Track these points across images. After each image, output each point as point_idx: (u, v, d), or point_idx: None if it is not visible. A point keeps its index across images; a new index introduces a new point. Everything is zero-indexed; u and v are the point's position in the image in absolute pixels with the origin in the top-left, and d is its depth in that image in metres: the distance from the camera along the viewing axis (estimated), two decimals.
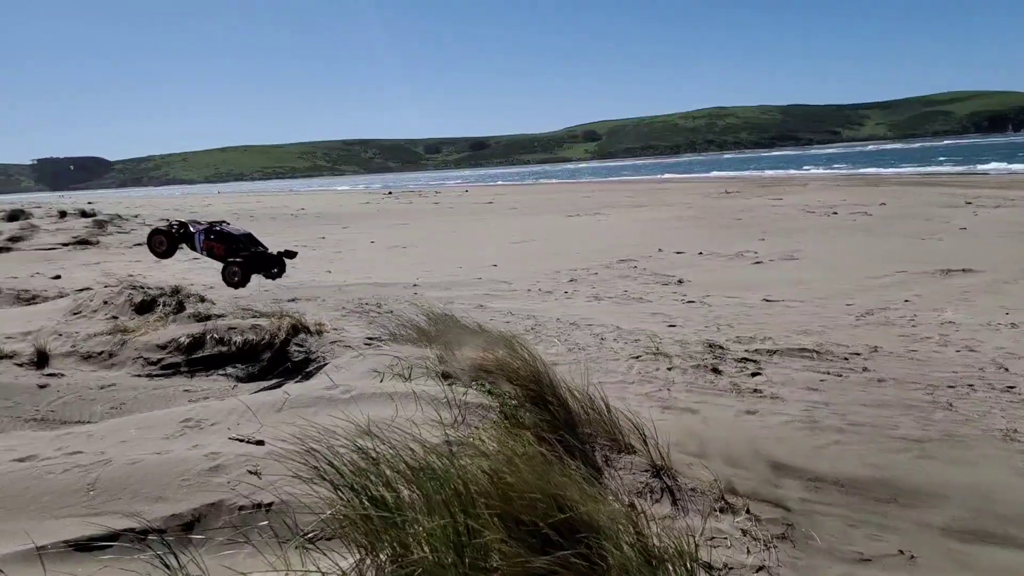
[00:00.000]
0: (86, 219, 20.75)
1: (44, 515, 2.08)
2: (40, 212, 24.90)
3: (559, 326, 6.03)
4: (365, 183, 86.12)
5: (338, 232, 17.05)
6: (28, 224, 19.30)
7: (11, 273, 11.04)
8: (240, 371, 5.26)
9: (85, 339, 5.62)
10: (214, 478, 2.30)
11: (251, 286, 9.00)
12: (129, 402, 4.62)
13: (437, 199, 30.88)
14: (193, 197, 48.99)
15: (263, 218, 22.32)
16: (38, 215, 23.17)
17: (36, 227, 18.55)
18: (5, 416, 4.25)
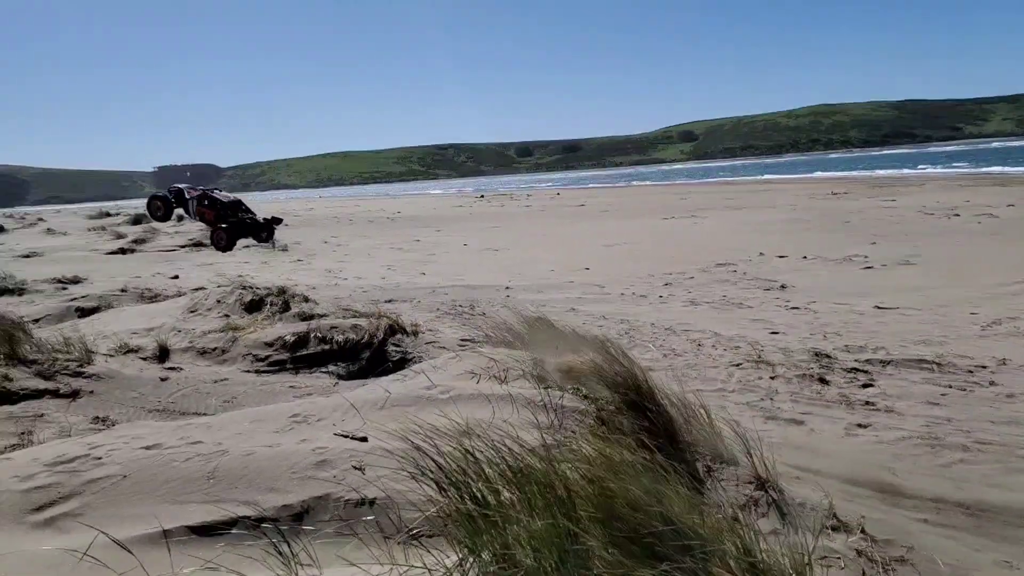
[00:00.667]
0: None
1: (169, 500, 2.22)
2: None
3: (654, 331, 5.91)
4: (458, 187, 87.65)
5: (432, 235, 17.44)
6: (150, 227, 20.81)
7: (135, 273, 11.93)
8: (341, 369, 5.46)
9: (201, 336, 5.97)
10: (321, 472, 2.39)
11: (349, 286, 9.39)
12: (240, 396, 4.87)
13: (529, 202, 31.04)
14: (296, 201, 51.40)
15: (361, 221, 23.11)
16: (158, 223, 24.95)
17: (157, 230, 19.96)
18: (132, 406, 4.55)
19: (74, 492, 2.26)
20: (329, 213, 28.60)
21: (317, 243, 16.39)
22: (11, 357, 4.75)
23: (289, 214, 28.65)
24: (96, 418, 4.25)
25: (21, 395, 4.46)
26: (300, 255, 14.22)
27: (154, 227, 20.70)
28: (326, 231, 19.75)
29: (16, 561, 1.89)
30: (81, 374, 4.81)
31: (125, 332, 6.22)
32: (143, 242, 17.30)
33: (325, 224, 22.49)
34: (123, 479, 2.31)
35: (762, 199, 24.37)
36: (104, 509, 2.18)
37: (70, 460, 2.44)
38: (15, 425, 4.00)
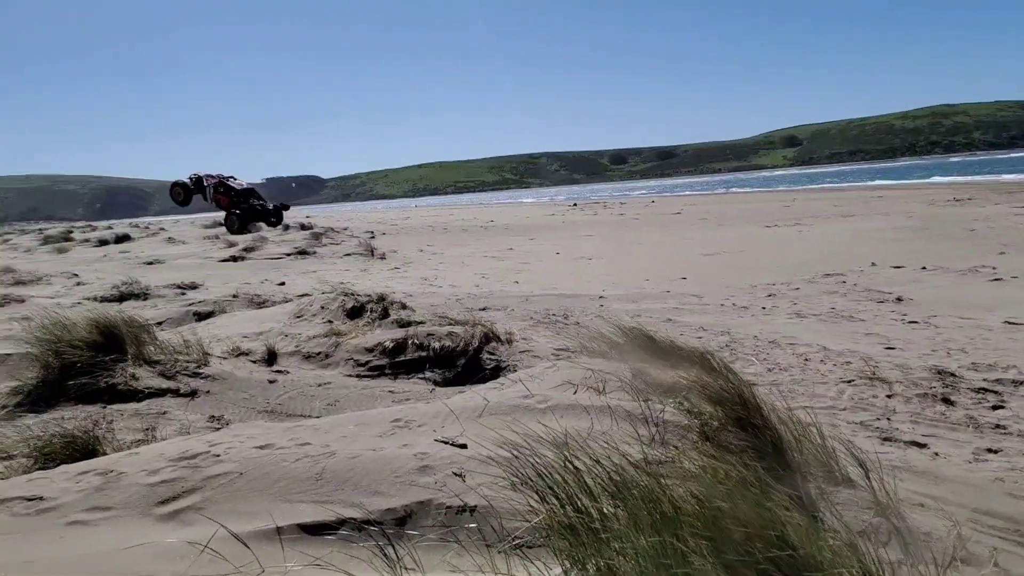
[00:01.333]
0: (304, 232, 23.22)
1: (280, 499, 2.31)
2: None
3: (756, 344, 5.68)
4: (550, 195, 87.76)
5: (525, 243, 17.53)
6: (259, 236, 21.97)
7: (245, 280, 12.61)
8: (437, 375, 5.55)
9: (306, 340, 6.21)
10: (422, 477, 2.42)
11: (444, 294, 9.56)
12: (342, 399, 5.02)
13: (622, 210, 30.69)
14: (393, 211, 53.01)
15: (455, 230, 23.53)
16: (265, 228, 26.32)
17: (265, 239, 21.04)
18: (243, 406, 4.79)
19: (195, 487, 2.39)
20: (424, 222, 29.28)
21: (413, 251, 16.84)
22: (138, 357, 5.10)
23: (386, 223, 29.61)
24: (212, 417, 4.49)
25: (146, 393, 4.77)
26: (397, 263, 14.64)
27: (263, 236, 21.84)
28: (422, 240, 20.24)
29: (144, 551, 2.01)
30: (199, 375, 5.10)
31: (237, 336, 6.55)
32: (252, 250, 18.22)
33: (421, 233, 23.05)
34: (239, 476, 2.43)
35: (874, 206, 23.05)
36: (222, 504, 2.29)
37: (192, 456, 2.59)
38: (141, 421, 4.29)
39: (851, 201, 26.78)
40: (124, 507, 2.29)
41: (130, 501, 2.33)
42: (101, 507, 2.30)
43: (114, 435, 3.72)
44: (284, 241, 20.15)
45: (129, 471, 2.51)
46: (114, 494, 2.36)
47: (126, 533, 2.13)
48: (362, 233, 22.46)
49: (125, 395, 4.71)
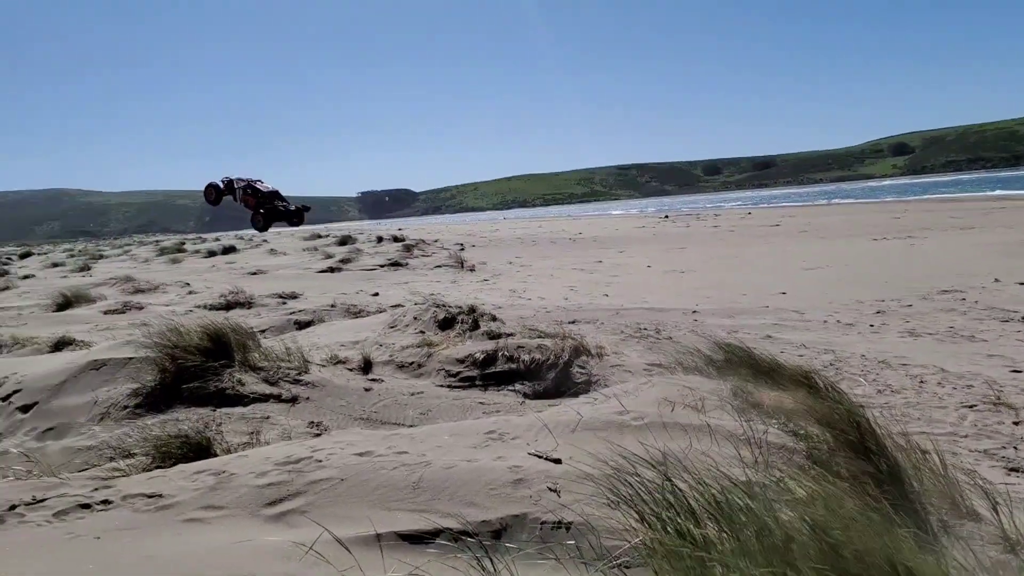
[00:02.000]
0: (397, 244, 23.87)
1: (379, 506, 2.36)
2: (362, 238, 29.21)
3: (864, 363, 5.37)
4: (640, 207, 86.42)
5: (614, 256, 17.36)
6: (354, 248, 22.77)
7: (341, 290, 13.06)
8: (527, 388, 5.54)
9: (399, 350, 6.35)
10: (517, 491, 2.41)
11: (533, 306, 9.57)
12: (434, 409, 5.09)
13: (716, 222, 29.85)
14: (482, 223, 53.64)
15: (543, 241, 23.57)
16: (361, 240, 27.21)
17: (360, 251, 21.76)
18: (341, 413, 4.93)
19: (300, 491, 2.47)
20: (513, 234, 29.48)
21: (502, 263, 16.99)
22: (244, 364, 5.35)
23: (475, 235, 29.99)
24: (312, 423, 4.65)
25: (251, 398, 4.99)
26: (486, 275, 14.80)
27: (358, 248, 22.62)
28: (510, 252, 20.40)
29: (254, 550, 2.09)
30: (299, 381, 5.29)
31: (335, 344, 6.76)
32: (348, 261, 18.87)
33: (509, 245, 23.23)
34: (340, 482, 2.50)
35: (995, 217, 21.44)
36: (324, 508, 2.36)
37: (296, 461, 2.69)
38: (246, 425, 4.49)
39: (969, 212, 24.98)
40: (235, 507, 2.40)
41: (240, 501, 2.43)
42: (214, 506, 2.41)
43: (223, 437, 3.91)
44: (378, 253, 20.76)
45: (239, 472, 2.62)
46: (226, 494, 2.48)
47: (237, 532, 2.23)
48: (452, 245, 22.86)
49: (232, 399, 4.94)
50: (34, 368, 5.69)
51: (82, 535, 2.20)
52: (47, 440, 4.55)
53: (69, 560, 2.03)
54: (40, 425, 4.75)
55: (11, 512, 2.39)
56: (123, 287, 14.91)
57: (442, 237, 28.82)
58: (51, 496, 2.51)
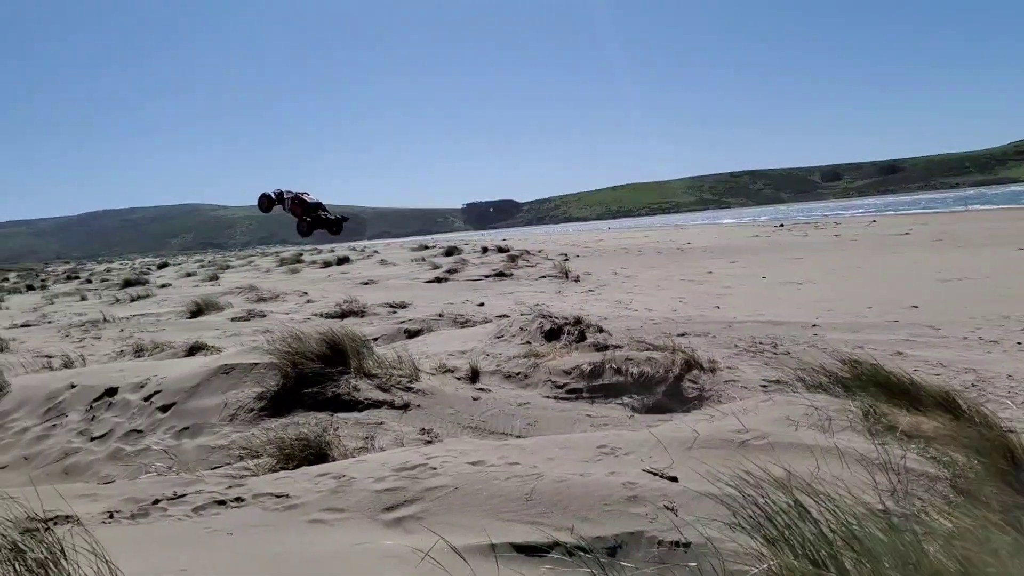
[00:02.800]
0: (501, 254, 24.16)
1: (492, 516, 2.37)
2: (468, 248, 29.79)
3: (1011, 385, 4.90)
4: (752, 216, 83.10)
5: (725, 266, 16.78)
6: (460, 259, 23.26)
7: (448, 300, 13.33)
8: (636, 401, 5.42)
9: (506, 360, 6.38)
10: (631, 508, 2.35)
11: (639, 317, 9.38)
12: (541, 420, 5.07)
13: (837, 231, 28.15)
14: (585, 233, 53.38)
15: (650, 252, 23.13)
16: (466, 251, 27.75)
17: (466, 261, 22.19)
18: (450, 422, 5.00)
19: (415, 497, 2.52)
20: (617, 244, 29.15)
21: (607, 274, 16.80)
22: (359, 371, 5.54)
23: (579, 245, 29.87)
24: (423, 429, 4.74)
25: (365, 404, 5.15)
26: (591, 286, 14.68)
27: (464, 258, 23.09)
28: (615, 262, 20.16)
29: (374, 553, 2.15)
30: (410, 389, 5.42)
31: (443, 353, 6.88)
32: (454, 272, 19.26)
33: (614, 255, 22.98)
34: (454, 491, 2.53)
35: None
36: (439, 516, 2.39)
37: (412, 468, 2.75)
38: (361, 430, 4.63)
39: None
40: (355, 510, 2.48)
41: (360, 505, 2.51)
42: (336, 508, 2.50)
43: (340, 441, 4.05)
44: (483, 264, 21.10)
45: (358, 477, 2.71)
46: (346, 497, 2.56)
47: (357, 534, 2.30)
48: (556, 256, 22.87)
49: (348, 405, 5.13)
50: (172, 371, 6.14)
51: (218, 530, 2.34)
52: (183, 438, 4.89)
53: (207, 554, 2.16)
54: (177, 424, 5.11)
55: (155, 506, 2.58)
56: (247, 296, 15.93)
57: (546, 248, 28.90)
58: (190, 492, 2.69)
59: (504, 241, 39.78)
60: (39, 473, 4.84)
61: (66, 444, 5.13)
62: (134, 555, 1.92)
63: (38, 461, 5.03)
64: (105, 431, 5.22)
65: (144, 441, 4.93)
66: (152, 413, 5.36)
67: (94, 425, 5.38)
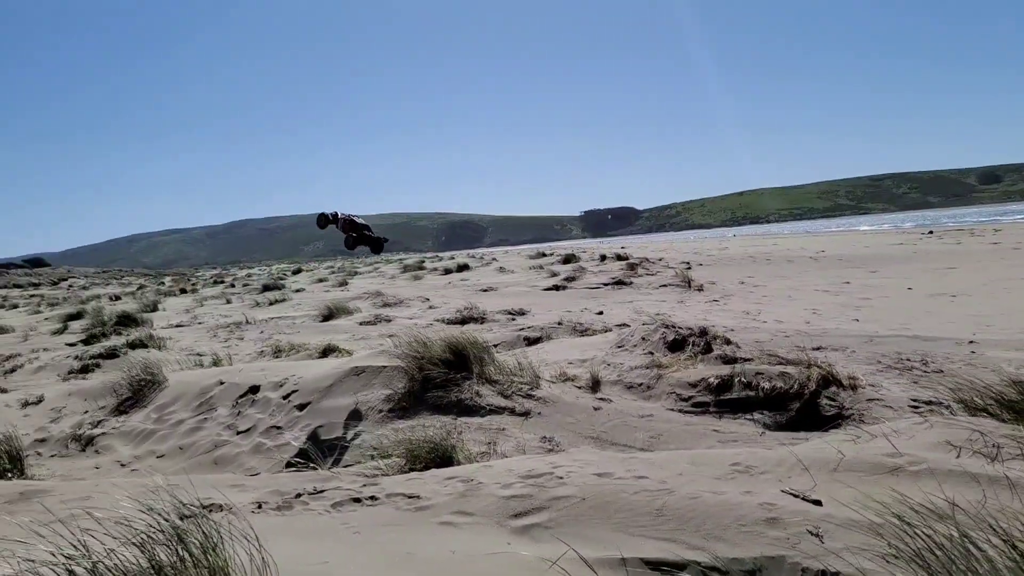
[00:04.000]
0: (620, 262, 23.83)
1: (621, 529, 2.30)
2: (585, 256, 29.62)
3: None
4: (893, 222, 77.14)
5: (864, 276, 15.68)
6: (578, 266, 23.15)
7: (566, 308, 13.28)
8: (767, 418, 5.15)
9: (628, 371, 6.25)
10: (771, 530, 2.22)
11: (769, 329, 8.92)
12: (664, 434, 4.92)
13: (996, 237, 25.54)
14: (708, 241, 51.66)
15: (779, 261, 22.04)
16: (584, 258, 27.59)
17: (584, 269, 22.05)
18: (570, 431, 4.96)
19: (542, 506, 2.50)
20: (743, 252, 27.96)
21: (732, 283, 16.17)
22: (481, 376, 5.62)
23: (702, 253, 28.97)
24: (544, 438, 4.73)
25: (487, 409, 5.21)
26: (715, 295, 14.18)
27: (582, 266, 22.97)
28: (741, 271, 19.36)
29: (501, 558, 2.15)
30: (531, 396, 5.43)
31: (563, 361, 6.85)
32: (572, 280, 19.17)
33: (740, 264, 22.07)
34: (581, 501, 2.48)
35: None
36: (567, 526, 2.36)
37: (538, 476, 2.73)
38: (483, 435, 4.69)
39: None
40: (482, 515, 2.49)
41: (487, 510, 2.52)
42: (464, 512, 2.53)
43: (463, 445, 4.12)
44: (601, 271, 20.89)
45: (486, 482, 2.73)
46: (474, 501, 2.58)
47: (485, 539, 2.31)
48: (677, 264, 22.28)
49: (471, 409, 5.21)
50: (307, 371, 6.49)
51: (354, 526, 2.43)
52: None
53: (345, 548, 2.25)
54: (312, 422, 5.39)
55: (297, 500, 2.72)
56: (374, 301, 16.63)
57: (666, 255, 28.26)
58: (328, 488, 2.81)
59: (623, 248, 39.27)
60: (192, 462, 5.26)
61: (216, 436, 5.54)
62: (280, 544, 2.03)
63: (191, 451, 5.46)
64: (249, 426, 5.59)
65: (283, 437, 5.24)
66: (290, 411, 5.68)
67: (239, 420, 5.78)
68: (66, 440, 6.09)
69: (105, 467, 5.38)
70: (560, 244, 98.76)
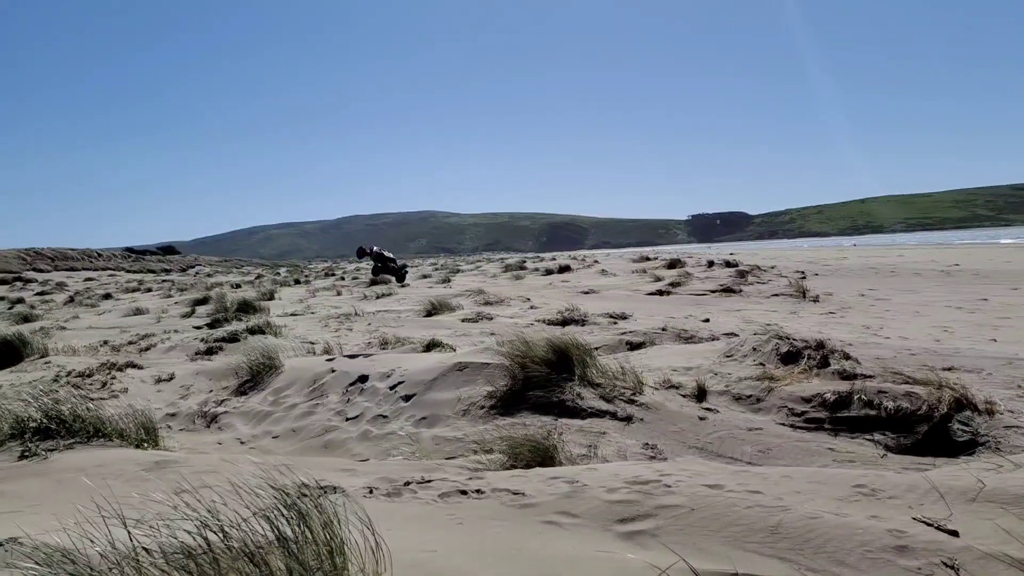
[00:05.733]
0: (729, 269, 23.04)
1: (733, 544, 2.21)
2: (691, 261, 28.86)
3: None
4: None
5: (1004, 293, 14.40)
6: (683, 272, 22.58)
7: (669, 314, 12.96)
8: (889, 440, 4.84)
9: (736, 381, 6.03)
10: (900, 559, 2.06)
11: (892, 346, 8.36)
12: (774, 449, 4.72)
13: None
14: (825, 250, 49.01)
15: (905, 273, 20.62)
16: (690, 264, 26.89)
17: (689, 275, 21.48)
18: (673, 439, 4.84)
19: (649, 513, 2.44)
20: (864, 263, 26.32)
21: (851, 295, 15.25)
22: (582, 379, 5.58)
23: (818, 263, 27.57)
24: (646, 444, 4.64)
25: (588, 412, 5.17)
26: (832, 307, 13.43)
27: (687, 272, 22.40)
28: (862, 283, 18.24)
29: (607, 562, 2.11)
30: (633, 402, 5.34)
31: (666, 368, 6.70)
32: (677, 285, 18.70)
33: (860, 275, 20.78)
34: (690, 511, 2.40)
35: None
36: (675, 535, 2.29)
37: (644, 482, 2.67)
38: (584, 437, 4.65)
39: None
40: (588, 517, 2.46)
41: (592, 513, 2.49)
42: (569, 513, 2.51)
43: (563, 446, 4.10)
44: (708, 278, 20.30)
45: (591, 484, 2.69)
46: (579, 503, 2.56)
47: (589, 543, 2.27)
48: (790, 273, 21.28)
49: (571, 411, 5.18)
50: (413, 364, 6.67)
51: (460, 517, 2.46)
52: (421, 427, 5.28)
53: (453, 539, 2.28)
54: (417, 414, 5.53)
55: (406, 487, 2.79)
56: (476, 298, 16.88)
57: (779, 264, 27.09)
58: (435, 478, 2.87)
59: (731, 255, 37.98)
60: (303, 445, 5.51)
61: (326, 422, 5.79)
62: (389, 530, 2.08)
63: (303, 434, 5.73)
64: (357, 413, 5.81)
65: (389, 426, 5.40)
66: (396, 401, 5.86)
67: (348, 407, 6.01)
68: (193, 416, 6.54)
69: (226, 443, 5.73)
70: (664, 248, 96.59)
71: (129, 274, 55.85)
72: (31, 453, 4.20)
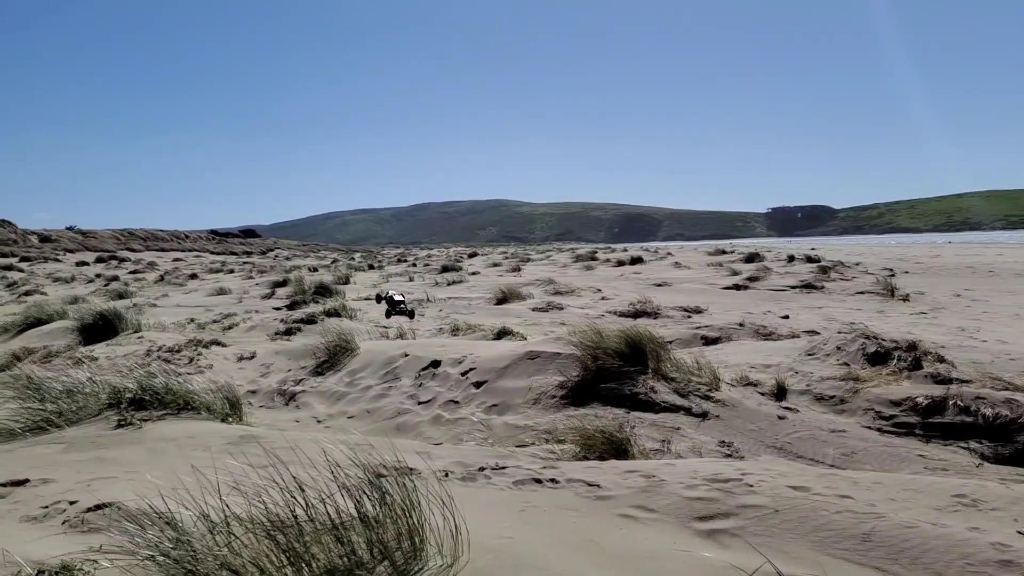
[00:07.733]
0: (810, 264, 22.15)
1: (821, 549, 2.11)
2: (770, 256, 27.92)
3: None
4: None
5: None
6: (762, 266, 21.85)
7: (747, 309, 12.57)
8: (986, 448, 4.57)
9: (818, 381, 5.80)
10: (1003, 574, 1.92)
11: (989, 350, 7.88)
12: (859, 452, 4.53)
13: None
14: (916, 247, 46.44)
15: (1006, 274, 19.35)
16: (769, 258, 26.02)
17: (768, 269, 20.77)
18: (750, 438, 4.69)
19: (730, 512, 2.36)
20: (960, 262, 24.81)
21: (945, 295, 14.42)
22: (656, 372, 5.47)
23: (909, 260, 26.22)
24: (722, 442, 4.51)
25: (661, 407, 5.07)
26: (923, 307, 12.73)
27: (766, 266, 21.69)
28: (956, 282, 17.21)
29: (686, 559, 2.05)
30: (709, 398, 5.20)
31: (744, 365, 6.51)
32: (755, 280, 18.12)
33: (955, 274, 19.62)
34: (774, 513, 2.31)
35: None
36: (758, 536, 2.21)
37: (724, 480, 2.59)
38: (657, 432, 4.56)
39: None
40: (665, 513, 2.40)
41: (670, 509, 2.43)
42: (646, 507, 2.45)
43: (636, 440, 4.02)
44: (788, 273, 19.60)
45: (669, 480, 2.63)
46: (657, 498, 2.50)
47: (667, 538, 2.22)
48: (878, 270, 20.29)
49: (644, 405, 5.09)
50: (484, 351, 6.70)
51: (535, 505, 2.45)
52: (492, 414, 5.29)
53: (528, 527, 2.27)
54: (488, 400, 5.55)
55: (480, 473, 2.80)
56: (546, 288, 16.82)
57: (864, 260, 25.91)
58: (509, 465, 2.86)
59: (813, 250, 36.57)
60: (376, 426, 5.63)
61: (399, 405, 5.89)
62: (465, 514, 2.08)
63: (377, 416, 5.85)
64: (429, 398, 5.88)
65: (460, 411, 5.44)
66: (467, 388, 5.90)
67: (420, 391, 6.09)
68: (272, 394, 6.78)
69: (304, 421, 5.91)
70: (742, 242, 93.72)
71: (213, 255, 58.59)
72: (127, 422, 4.44)
